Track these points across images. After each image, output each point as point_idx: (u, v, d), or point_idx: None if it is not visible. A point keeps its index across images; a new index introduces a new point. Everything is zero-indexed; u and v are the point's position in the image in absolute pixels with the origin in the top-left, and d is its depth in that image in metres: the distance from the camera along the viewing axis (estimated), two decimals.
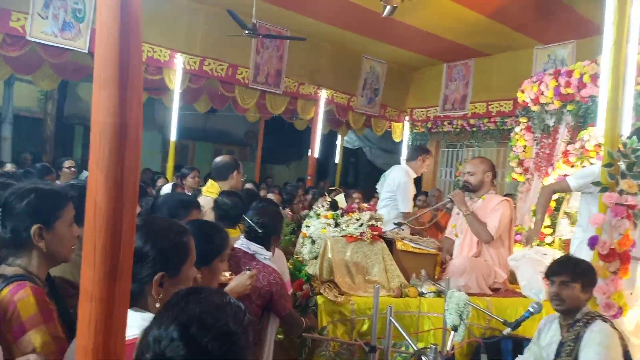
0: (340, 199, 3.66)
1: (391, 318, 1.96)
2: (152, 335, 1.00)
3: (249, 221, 2.71)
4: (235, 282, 2.36)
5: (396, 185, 4.76)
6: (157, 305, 1.33)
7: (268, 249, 2.73)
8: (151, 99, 9.06)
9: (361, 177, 15.02)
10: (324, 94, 8.29)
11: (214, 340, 0.96)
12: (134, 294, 1.21)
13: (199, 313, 0.99)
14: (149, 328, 1.02)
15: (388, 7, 5.56)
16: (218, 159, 4.05)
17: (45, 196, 1.57)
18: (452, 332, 1.95)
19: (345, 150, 11.30)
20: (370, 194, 8.28)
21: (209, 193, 3.77)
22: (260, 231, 2.66)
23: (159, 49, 6.58)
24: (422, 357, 1.64)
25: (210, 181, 4.00)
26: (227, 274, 2.45)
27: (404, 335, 1.87)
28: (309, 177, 8.37)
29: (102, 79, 0.98)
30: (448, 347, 1.88)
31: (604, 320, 2.32)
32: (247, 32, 5.89)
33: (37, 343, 1.39)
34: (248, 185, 6.18)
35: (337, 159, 10.52)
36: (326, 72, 8.36)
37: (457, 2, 6.36)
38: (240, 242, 2.73)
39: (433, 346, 1.68)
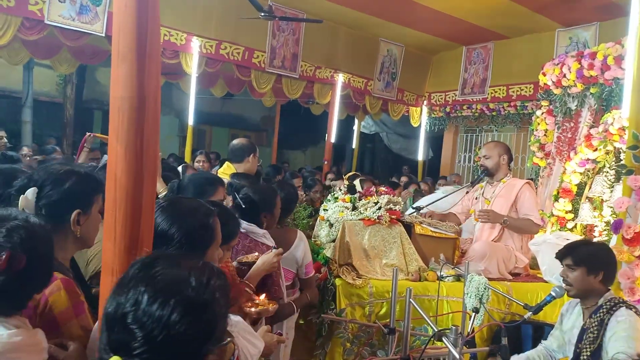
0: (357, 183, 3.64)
1: (411, 300, 1.94)
2: (107, 318, 0.86)
3: (237, 197, 2.62)
4: (262, 260, 2.31)
5: None
6: None
7: (260, 226, 2.60)
8: (168, 83, 9.08)
9: (378, 162, 14.95)
10: (340, 78, 8.21)
11: (175, 316, 0.82)
12: None
13: (152, 291, 0.84)
14: (106, 307, 0.88)
15: None
16: (235, 141, 4.05)
17: (85, 180, 1.51)
18: (473, 315, 1.92)
19: (361, 135, 11.23)
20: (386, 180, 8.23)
21: (225, 175, 3.77)
22: (244, 206, 2.55)
23: (175, 32, 6.56)
24: (443, 338, 1.62)
25: (226, 163, 4.01)
26: (256, 253, 2.43)
27: (424, 316, 1.85)
28: (325, 163, 8.35)
29: (120, 51, 0.97)
30: (468, 330, 1.85)
31: (628, 307, 2.26)
32: (263, 14, 5.84)
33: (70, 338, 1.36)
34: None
35: (354, 144, 10.46)
36: (343, 56, 8.27)
37: None
38: None
39: (454, 327, 1.65)
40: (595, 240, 4.30)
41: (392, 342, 2.28)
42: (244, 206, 2.53)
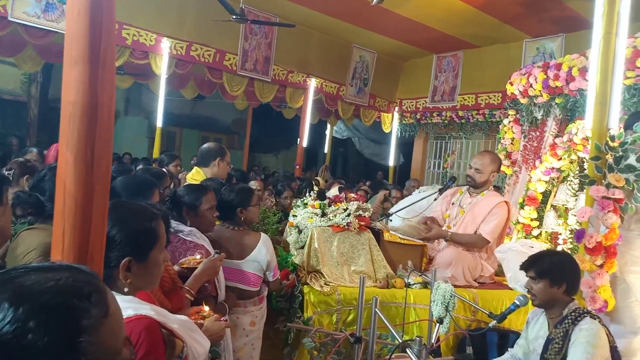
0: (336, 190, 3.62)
1: (376, 309, 1.93)
2: None
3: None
4: (203, 266, 2.22)
5: None
6: (126, 290, 1.29)
7: (185, 223, 2.52)
8: (137, 84, 8.91)
9: (349, 167, 15.00)
10: (313, 83, 8.21)
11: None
12: (103, 280, 1.14)
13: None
14: None
15: None
16: (204, 145, 3.98)
17: None
18: (437, 326, 1.92)
19: (334, 140, 11.26)
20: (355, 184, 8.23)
21: (193, 180, 3.70)
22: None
23: (145, 32, 6.44)
24: (407, 350, 1.61)
25: (195, 168, 3.93)
26: (198, 256, 2.34)
27: (389, 327, 1.83)
28: (297, 167, 8.32)
29: (73, 56, 0.92)
30: (433, 340, 1.85)
31: (593, 317, 2.29)
32: (235, 17, 5.78)
33: None
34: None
35: (326, 148, 10.48)
36: (315, 61, 8.28)
37: None
38: None
39: (418, 338, 1.65)
40: (559, 247, 4.39)
41: (359, 351, 2.26)
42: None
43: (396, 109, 9.69)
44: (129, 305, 1.18)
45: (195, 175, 3.80)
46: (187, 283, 2.16)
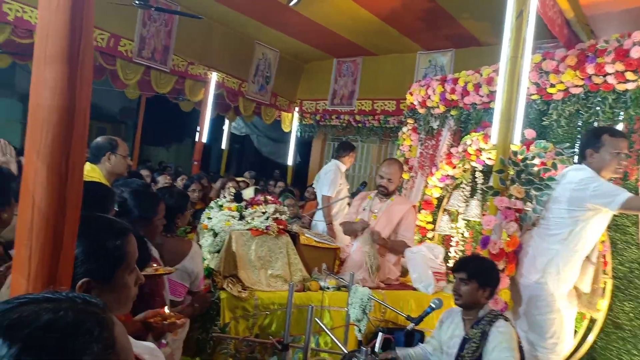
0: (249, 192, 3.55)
1: (317, 319, 1.93)
2: None
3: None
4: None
5: (324, 173, 5.31)
6: None
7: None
8: (14, 64, 7.97)
9: (246, 164, 14.82)
10: (214, 77, 7.97)
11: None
12: None
13: None
14: None
15: None
16: (97, 139, 3.61)
17: None
18: (380, 336, 1.95)
19: (230, 136, 11.05)
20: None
21: (88, 177, 3.36)
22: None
23: (30, 9, 5.80)
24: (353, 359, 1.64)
25: (88, 164, 3.55)
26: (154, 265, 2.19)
27: (329, 334, 1.84)
28: (195, 163, 8.02)
29: (48, 54, 0.79)
30: (376, 347, 1.89)
31: (505, 319, 2.51)
32: (137, 2, 5.41)
33: None
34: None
35: (224, 144, 10.24)
36: (218, 54, 8.04)
37: (354, 1, 6.48)
38: None
39: (363, 349, 1.68)
40: (452, 249, 4.74)
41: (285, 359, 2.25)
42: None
43: (296, 109, 9.76)
44: None
45: (91, 172, 3.46)
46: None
